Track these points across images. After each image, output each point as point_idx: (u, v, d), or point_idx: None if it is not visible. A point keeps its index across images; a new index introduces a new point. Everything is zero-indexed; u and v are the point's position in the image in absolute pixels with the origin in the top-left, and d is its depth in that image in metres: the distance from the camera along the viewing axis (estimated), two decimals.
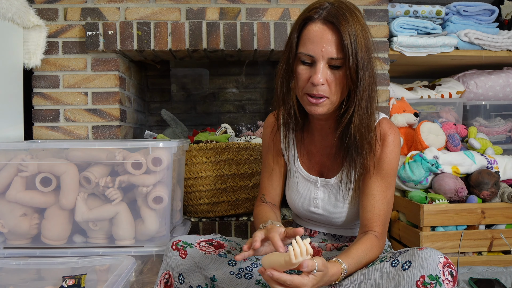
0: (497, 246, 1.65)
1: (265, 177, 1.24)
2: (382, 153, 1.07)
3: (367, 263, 0.99)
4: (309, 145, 1.18)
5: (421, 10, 1.97)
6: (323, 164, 1.16)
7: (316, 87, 0.99)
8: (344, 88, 1.01)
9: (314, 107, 1.01)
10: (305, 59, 1.00)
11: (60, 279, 1.17)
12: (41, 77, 1.76)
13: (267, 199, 1.22)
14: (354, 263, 0.94)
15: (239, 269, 1.05)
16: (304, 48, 0.99)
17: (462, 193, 1.65)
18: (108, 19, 1.75)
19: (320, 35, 0.97)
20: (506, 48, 2.05)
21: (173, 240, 1.07)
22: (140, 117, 2.21)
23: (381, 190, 1.07)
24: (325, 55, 0.97)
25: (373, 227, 1.05)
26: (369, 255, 0.99)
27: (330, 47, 0.97)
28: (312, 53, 0.98)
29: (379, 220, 1.06)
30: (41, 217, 1.37)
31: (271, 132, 1.21)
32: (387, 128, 1.08)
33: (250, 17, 1.77)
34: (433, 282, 0.83)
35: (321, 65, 0.98)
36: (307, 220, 1.23)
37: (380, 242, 1.04)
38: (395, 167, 1.09)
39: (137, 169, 1.34)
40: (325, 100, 1.00)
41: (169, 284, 1.05)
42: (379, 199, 1.06)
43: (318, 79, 0.97)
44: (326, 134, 1.14)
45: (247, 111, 2.43)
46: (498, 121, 2.14)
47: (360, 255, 0.96)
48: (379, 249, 1.03)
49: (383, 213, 1.06)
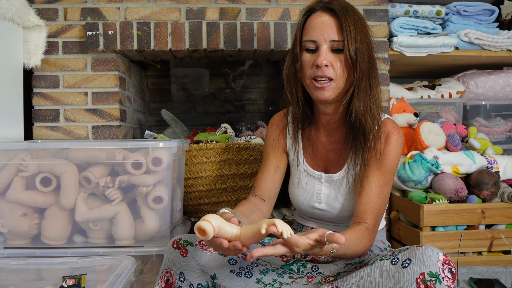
0: (497, 246, 1.65)
1: (259, 172, 1.26)
2: (385, 149, 1.10)
3: (355, 251, 0.98)
4: (315, 142, 1.21)
5: (421, 10, 1.97)
6: (328, 160, 1.19)
7: (321, 68, 1.05)
8: (348, 73, 1.06)
9: (320, 92, 1.07)
10: (309, 46, 1.08)
11: (60, 279, 1.17)
12: (41, 77, 1.76)
13: (256, 192, 1.23)
14: (344, 247, 0.93)
15: (240, 267, 1.05)
16: (308, 36, 1.08)
17: (462, 193, 1.65)
18: (108, 19, 1.75)
19: (321, 21, 1.06)
20: (506, 48, 2.05)
21: (174, 239, 1.07)
22: (140, 117, 2.21)
23: (378, 185, 1.09)
24: (326, 38, 1.05)
25: (366, 219, 1.06)
26: (359, 244, 0.99)
27: (331, 30, 1.05)
28: (315, 38, 1.06)
29: (372, 214, 1.07)
30: (41, 217, 1.37)
31: (277, 130, 1.25)
32: (392, 126, 1.12)
33: (250, 17, 1.77)
34: (433, 279, 0.83)
35: (324, 48, 1.06)
36: (309, 217, 1.23)
37: (371, 236, 1.04)
38: (395, 165, 1.11)
39: (137, 169, 1.34)
40: (330, 83, 1.06)
41: (169, 282, 1.05)
42: (375, 193, 1.08)
43: (322, 60, 1.04)
44: (332, 129, 1.18)
45: (247, 111, 2.43)
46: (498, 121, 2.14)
47: (351, 241, 0.96)
48: (369, 242, 1.03)
49: (377, 208, 1.08)
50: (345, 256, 0.97)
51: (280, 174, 1.25)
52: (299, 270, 1.10)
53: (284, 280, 1.05)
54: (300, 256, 1.15)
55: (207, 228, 0.81)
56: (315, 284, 1.02)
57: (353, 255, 0.99)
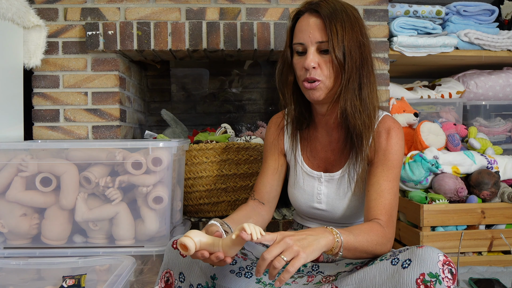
0: (497, 246, 1.65)
1: (259, 175, 1.26)
2: (388, 144, 1.10)
3: (367, 243, 0.94)
4: (314, 143, 1.21)
5: (421, 10, 1.97)
6: (328, 160, 1.19)
7: (309, 71, 1.06)
8: (336, 73, 1.07)
9: (311, 92, 1.08)
10: (298, 49, 1.09)
11: (60, 279, 1.17)
12: (41, 77, 1.76)
13: (255, 196, 1.23)
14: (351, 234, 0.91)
15: (240, 267, 1.05)
16: (296, 39, 1.09)
17: (462, 193, 1.65)
18: (108, 19, 1.75)
19: (307, 23, 1.07)
20: (506, 48, 2.05)
21: (173, 239, 1.07)
22: (140, 117, 2.21)
23: (387, 180, 1.08)
24: (313, 40, 1.06)
25: (378, 215, 1.04)
26: (370, 235, 0.95)
27: (316, 31, 1.05)
28: (302, 40, 1.07)
29: (384, 209, 1.04)
30: (41, 217, 1.37)
31: (275, 131, 1.26)
32: (391, 122, 1.13)
33: (250, 17, 1.77)
34: (433, 280, 0.83)
35: (311, 50, 1.06)
36: (309, 218, 1.23)
37: (385, 231, 1.00)
38: (400, 160, 1.11)
39: (137, 169, 1.34)
40: (319, 84, 1.07)
41: (169, 282, 1.05)
42: (385, 189, 1.07)
43: (308, 62, 1.05)
44: (330, 130, 1.18)
45: (247, 111, 2.43)
46: (498, 121, 2.14)
47: (356, 230, 0.94)
48: (384, 237, 0.99)
49: (388, 203, 1.05)
50: (357, 251, 0.93)
51: (279, 176, 1.25)
52: (300, 270, 1.10)
53: None
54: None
55: (189, 244, 0.87)
56: (315, 283, 1.02)
57: (367, 250, 0.95)
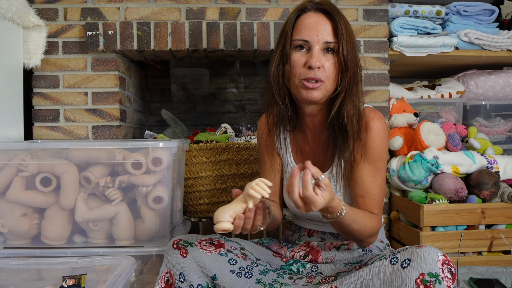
0: (497, 246, 1.65)
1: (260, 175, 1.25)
2: (367, 138, 1.09)
3: (361, 228, 1.01)
4: (302, 145, 1.21)
5: (421, 10, 1.97)
6: (316, 162, 1.18)
7: (313, 70, 1.04)
8: (337, 75, 1.06)
9: (310, 92, 1.06)
10: (300, 46, 1.07)
11: (60, 279, 1.17)
12: (41, 77, 1.76)
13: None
14: (352, 213, 0.98)
15: (240, 267, 1.05)
16: (300, 35, 1.06)
17: (462, 193, 1.65)
18: (108, 19, 1.75)
19: (315, 21, 1.05)
20: (506, 48, 2.05)
21: (174, 239, 1.07)
22: (140, 117, 2.21)
23: (370, 175, 1.09)
24: (320, 40, 1.04)
25: (367, 209, 1.08)
26: (366, 221, 1.02)
27: (325, 32, 1.05)
28: (308, 38, 1.05)
29: (372, 203, 1.08)
30: (41, 217, 1.37)
31: (265, 133, 1.24)
32: (371, 114, 1.11)
33: (250, 17, 1.77)
34: (433, 279, 0.83)
35: (317, 49, 1.05)
36: (305, 219, 1.23)
37: (378, 220, 1.07)
38: (382, 151, 1.10)
39: (137, 169, 1.34)
40: (321, 85, 1.05)
41: (169, 283, 1.05)
42: (370, 185, 1.09)
43: (315, 61, 1.03)
44: (318, 131, 1.17)
45: (247, 111, 2.43)
46: (498, 121, 2.14)
47: (356, 213, 1.00)
48: (377, 225, 1.06)
49: (375, 197, 1.09)
50: (349, 228, 1.00)
51: (279, 175, 1.25)
52: (299, 271, 1.10)
53: (284, 280, 1.05)
54: (299, 257, 1.15)
55: (227, 227, 0.89)
56: (315, 284, 1.02)
57: (358, 231, 1.01)
